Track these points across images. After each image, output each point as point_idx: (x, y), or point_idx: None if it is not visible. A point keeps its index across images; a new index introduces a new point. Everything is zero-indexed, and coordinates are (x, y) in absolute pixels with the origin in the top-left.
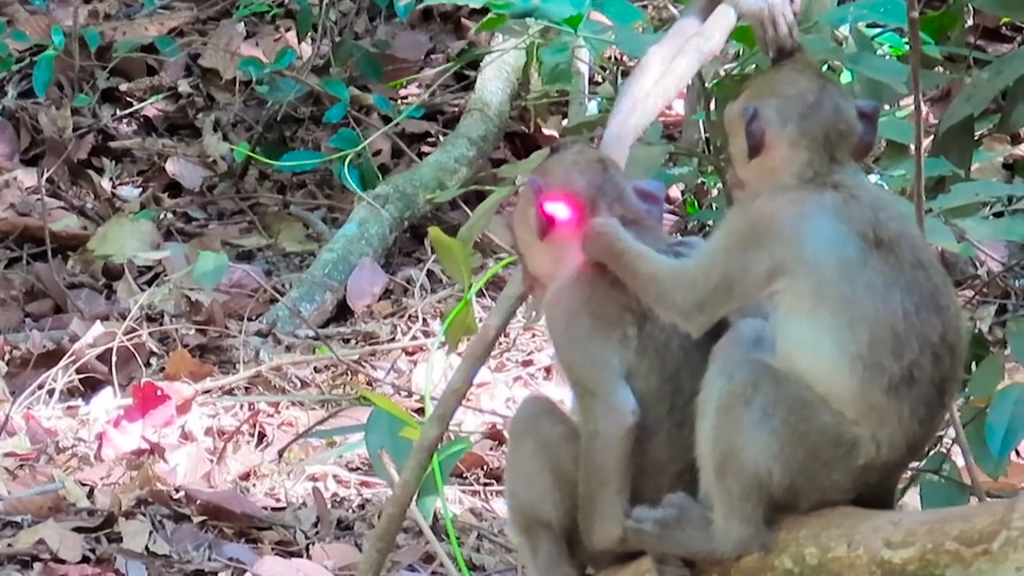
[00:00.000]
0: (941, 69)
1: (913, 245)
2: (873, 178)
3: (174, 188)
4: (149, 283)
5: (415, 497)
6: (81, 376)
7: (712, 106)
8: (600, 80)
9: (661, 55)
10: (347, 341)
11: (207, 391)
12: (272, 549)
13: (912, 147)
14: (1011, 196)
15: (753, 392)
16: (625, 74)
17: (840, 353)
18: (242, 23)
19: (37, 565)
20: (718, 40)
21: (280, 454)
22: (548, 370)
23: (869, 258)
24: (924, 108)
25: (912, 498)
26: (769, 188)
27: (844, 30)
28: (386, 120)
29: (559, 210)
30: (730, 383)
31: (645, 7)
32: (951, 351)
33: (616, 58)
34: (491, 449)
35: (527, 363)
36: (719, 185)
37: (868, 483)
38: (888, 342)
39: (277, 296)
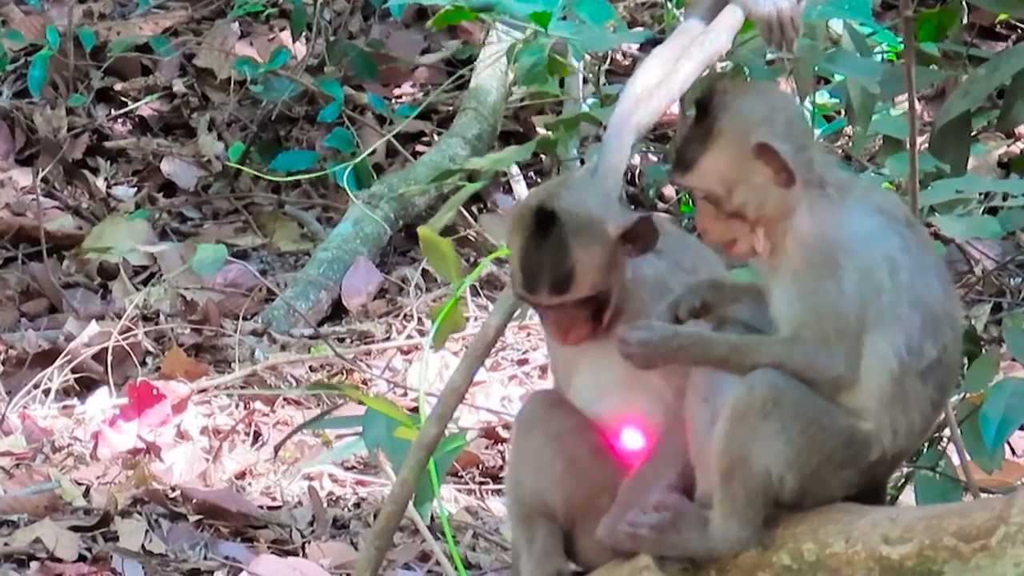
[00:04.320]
0: (935, 66)
1: (923, 228)
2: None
3: (169, 188)
4: (144, 283)
5: (413, 499)
6: (77, 375)
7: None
8: (591, 78)
9: (664, 55)
10: (342, 340)
11: (203, 390)
12: (268, 548)
13: (907, 144)
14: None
15: (773, 407)
16: (610, 73)
17: (889, 345)
18: (236, 23)
19: (33, 564)
20: (724, 40)
21: (276, 450)
22: (543, 369)
23: (909, 242)
24: (919, 106)
25: (907, 497)
26: (788, 216)
27: (839, 29)
28: (381, 120)
29: None
30: (749, 393)
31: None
32: (961, 334)
33: (606, 57)
34: (487, 448)
35: (522, 362)
36: None
37: (875, 477)
38: (931, 325)
39: (275, 293)
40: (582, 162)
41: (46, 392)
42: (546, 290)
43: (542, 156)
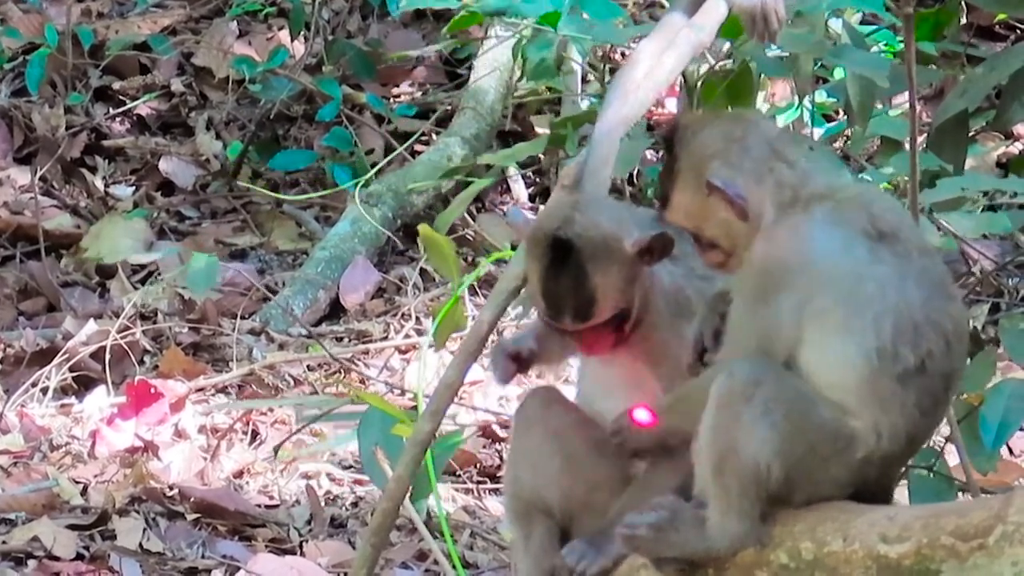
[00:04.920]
0: (934, 67)
1: (914, 232)
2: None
3: (167, 187)
4: (142, 281)
5: (409, 495)
6: (75, 374)
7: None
8: (592, 79)
9: (651, 49)
10: (340, 339)
11: (200, 389)
12: (266, 546)
13: (906, 143)
14: (1007, 192)
15: (754, 389)
16: (614, 71)
17: (856, 347)
18: (235, 22)
19: (31, 562)
20: (709, 32)
21: (275, 451)
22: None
23: (878, 251)
24: (918, 106)
25: (900, 495)
26: (759, 235)
27: (838, 27)
28: (379, 119)
29: None
30: (731, 380)
31: (625, 5)
32: (959, 341)
33: (608, 56)
34: (484, 447)
35: None
36: None
37: (866, 478)
38: (908, 332)
39: (270, 295)
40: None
41: (44, 391)
42: (570, 317)
43: (541, 155)
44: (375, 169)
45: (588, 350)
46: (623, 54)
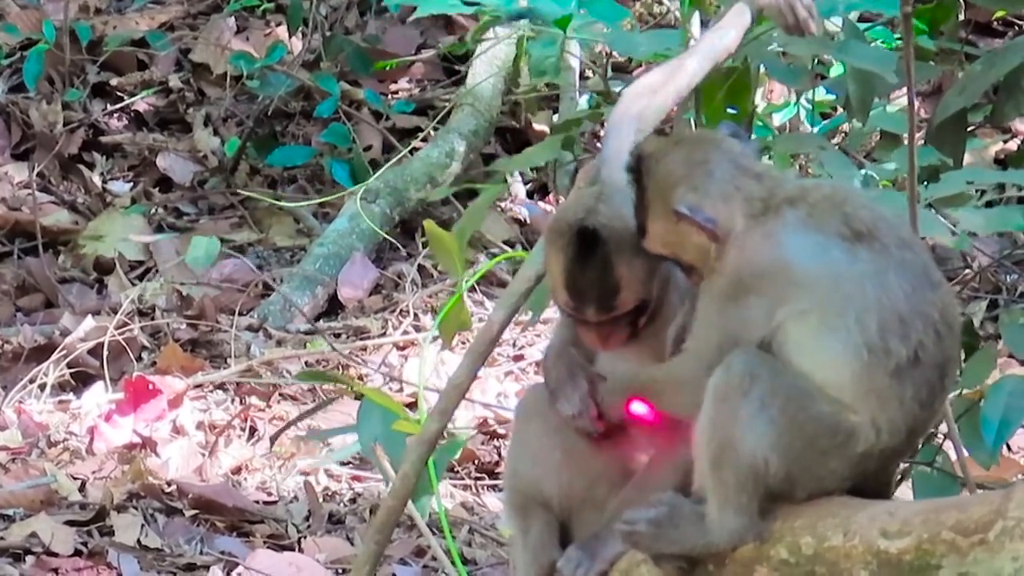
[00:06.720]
0: (932, 63)
1: (891, 226)
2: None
3: (165, 183)
4: (140, 278)
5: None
6: (72, 370)
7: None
8: (590, 75)
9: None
10: (338, 336)
11: (198, 385)
12: (264, 542)
13: (905, 139)
14: (1003, 187)
15: (751, 383)
16: (615, 68)
17: (844, 345)
18: (232, 18)
19: (29, 558)
20: (733, 38)
21: (272, 440)
22: (539, 364)
23: (855, 251)
24: (916, 102)
25: (903, 492)
26: (731, 241)
27: (836, 23)
28: (377, 115)
29: None
30: (727, 374)
31: (632, 3)
32: (950, 329)
33: (607, 53)
34: (483, 444)
35: (518, 358)
36: None
37: (866, 472)
38: (895, 326)
39: (271, 288)
40: (575, 159)
41: (42, 387)
42: (593, 308)
43: None
44: (379, 172)
45: (604, 343)
46: None
